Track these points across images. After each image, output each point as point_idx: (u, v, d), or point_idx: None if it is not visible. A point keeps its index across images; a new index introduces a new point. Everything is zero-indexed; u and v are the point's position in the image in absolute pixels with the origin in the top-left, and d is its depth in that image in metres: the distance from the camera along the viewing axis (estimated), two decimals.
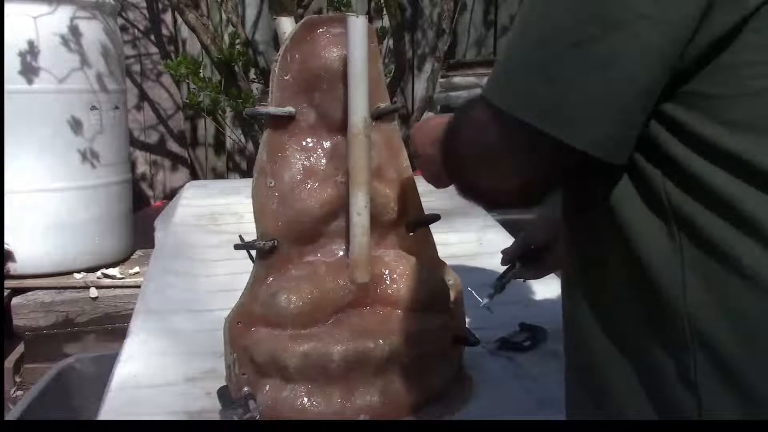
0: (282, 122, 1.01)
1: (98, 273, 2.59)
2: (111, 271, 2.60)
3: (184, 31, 3.49)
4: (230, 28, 3.22)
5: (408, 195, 1.06)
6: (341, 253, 1.03)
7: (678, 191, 0.59)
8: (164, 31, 3.67)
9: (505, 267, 1.22)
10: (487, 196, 0.73)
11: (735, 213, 0.56)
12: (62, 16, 2.44)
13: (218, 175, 3.73)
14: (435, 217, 1.09)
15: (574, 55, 0.58)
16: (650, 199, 0.61)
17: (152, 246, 1.91)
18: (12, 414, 1.56)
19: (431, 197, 1.14)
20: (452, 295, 1.07)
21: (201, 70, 3.04)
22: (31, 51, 2.38)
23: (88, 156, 2.54)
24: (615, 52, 0.56)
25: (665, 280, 0.60)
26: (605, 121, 0.58)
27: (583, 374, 0.72)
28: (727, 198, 0.56)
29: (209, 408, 1.01)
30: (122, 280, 2.57)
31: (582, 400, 0.73)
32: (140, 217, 3.01)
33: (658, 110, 0.59)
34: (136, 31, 3.63)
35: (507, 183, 0.66)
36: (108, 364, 1.19)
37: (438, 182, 1.00)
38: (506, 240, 1.77)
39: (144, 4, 3.60)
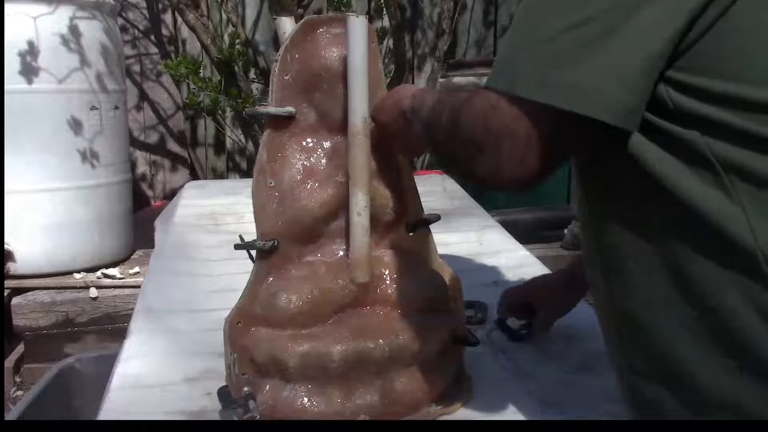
0: (282, 122, 1.01)
1: (98, 273, 2.58)
2: (111, 271, 2.60)
3: (184, 31, 3.49)
4: (230, 28, 3.22)
5: (408, 195, 1.06)
6: (341, 253, 1.03)
7: (722, 145, 0.62)
8: (164, 31, 3.67)
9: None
10: (479, 180, 0.71)
11: None
12: (62, 16, 2.44)
13: (218, 175, 3.72)
14: (435, 217, 1.09)
15: (575, 34, 0.61)
16: (692, 158, 0.63)
17: (152, 246, 1.91)
18: (12, 414, 1.56)
19: (431, 197, 1.14)
20: (452, 295, 1.07)
21: (201, 70, 3.04)
22: (31, 51, 2.38)
23: (88, 156, 2.54)
24: (615, 28, 0.60)
25: (730, 227, 0.62)
26: (612, 89, 0.61)
27: (652, 365, 0.71)
28: None
29: (209, 408, 1.01)
30: (122, 280, 2.56)
31: (654, 392, 0.72)
32: (140, 217, 3.01)
33: (678, 80, 0.62)
34: (136, 31, 3.63)
35: (506, 166, 0.65)
36: (108, 364, 1.19)
37: (413, 153, 1.04)
38: (506, 240, 1.77)
39: (144, 4, 3.60)
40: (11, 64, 2.35)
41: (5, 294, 2.42)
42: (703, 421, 0.67)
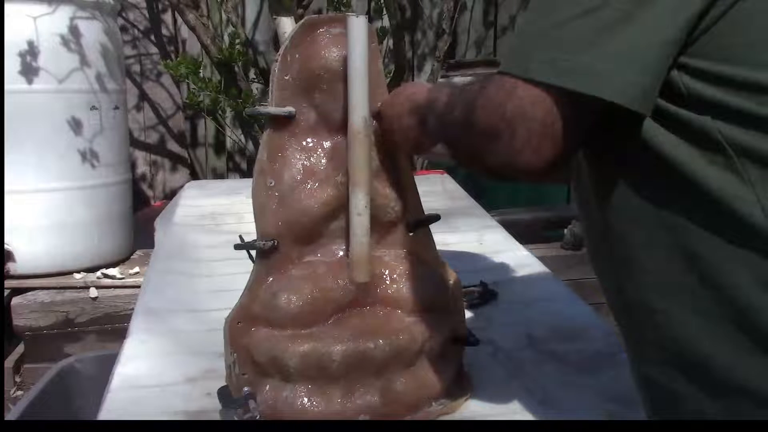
0: (282, 122, 1.01)
1: (98, 273, 2.58)
2: (111, 271, 2.60)
3: (184, 31, 3.49)
4: (230, 28, 3.22)
5: (408, 195, 1.06)
6: (341, 253, 1.03)
7: (735, 129, 0.62)
8: (164, 31, 3.67)
9: None
10: (492, 170, 0.72)
11: None
12: (62, 17, 2.44)
13: (218, 175, 3.72)
14: (435, 217, 1.09)
15: (591, 18, 0.62)
16: (704, 143, 0.63)
17: (152, 246, 1.91)
18: (12, 414, 1.56)
19: (431, 197, 1.14)
20: (452, 295, 1.07)
21: (201, 70, 3.03)
22: (31, 51, 2.38)
23: (88, 156, 2.54)
24: (631, 13, 0.61)
25: (743, 208, 0.62)
26: (627, 73, 0.61)
27: (667, 352, 0.71)
28: None
29: (209, 408, 1.01)
30: (122, 280, 2.56)
31: (670, 381, 0.71)
32: (140, 217, 3.01)
33: (692, 65, 0.63)
34: (136, 31, 3.63)
35: (521, 153, 0.65)
36: (108, 364, 1.19)
37: (419, 149, 1.03)
38: (506, 240, 1.78)
39: (144, 4, 3.60)
40: (11, 64, 2.35)
41: (5, 294, 2.42)
42: (705, 421, 0.67)
